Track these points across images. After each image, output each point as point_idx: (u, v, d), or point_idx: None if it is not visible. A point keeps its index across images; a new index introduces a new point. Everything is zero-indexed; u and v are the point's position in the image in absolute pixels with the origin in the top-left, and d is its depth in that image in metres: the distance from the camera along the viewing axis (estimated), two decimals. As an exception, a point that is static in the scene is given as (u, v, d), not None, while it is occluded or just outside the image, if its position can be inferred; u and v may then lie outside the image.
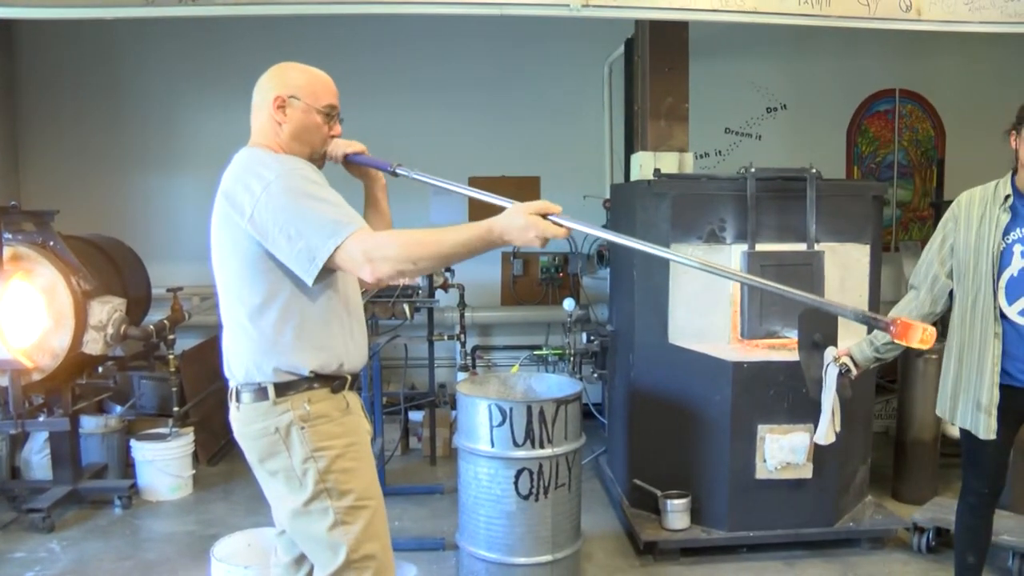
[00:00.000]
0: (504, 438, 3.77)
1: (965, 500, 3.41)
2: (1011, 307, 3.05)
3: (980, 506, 3.37)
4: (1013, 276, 3.04)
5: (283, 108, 2.44)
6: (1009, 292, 3.05)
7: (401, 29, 6.49)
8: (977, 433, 3.14)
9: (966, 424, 3.19)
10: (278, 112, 2.44)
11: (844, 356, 3.53)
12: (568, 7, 4.17)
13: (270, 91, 2.46)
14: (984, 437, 3.12)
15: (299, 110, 2.44)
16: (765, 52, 6.96)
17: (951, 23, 4.45)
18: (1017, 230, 3.05)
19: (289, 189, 2.26)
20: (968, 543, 3.43)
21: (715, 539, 4.32)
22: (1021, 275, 3.03)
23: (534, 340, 6.74)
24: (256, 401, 2.40)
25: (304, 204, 2.24)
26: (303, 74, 2.48)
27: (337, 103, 2.52)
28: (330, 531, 2.38)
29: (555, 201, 2.04)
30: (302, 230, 2.22)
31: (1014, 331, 3.06)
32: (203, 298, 6.34)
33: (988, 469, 3.30)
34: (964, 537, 3.45)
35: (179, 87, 6.70)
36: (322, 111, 2.46)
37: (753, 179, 4.30)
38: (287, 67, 2.51)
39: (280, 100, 2.44)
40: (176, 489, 5.20)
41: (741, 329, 4.34)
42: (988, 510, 3.38)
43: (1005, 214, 3.07)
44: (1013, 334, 3.06)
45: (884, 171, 7.32)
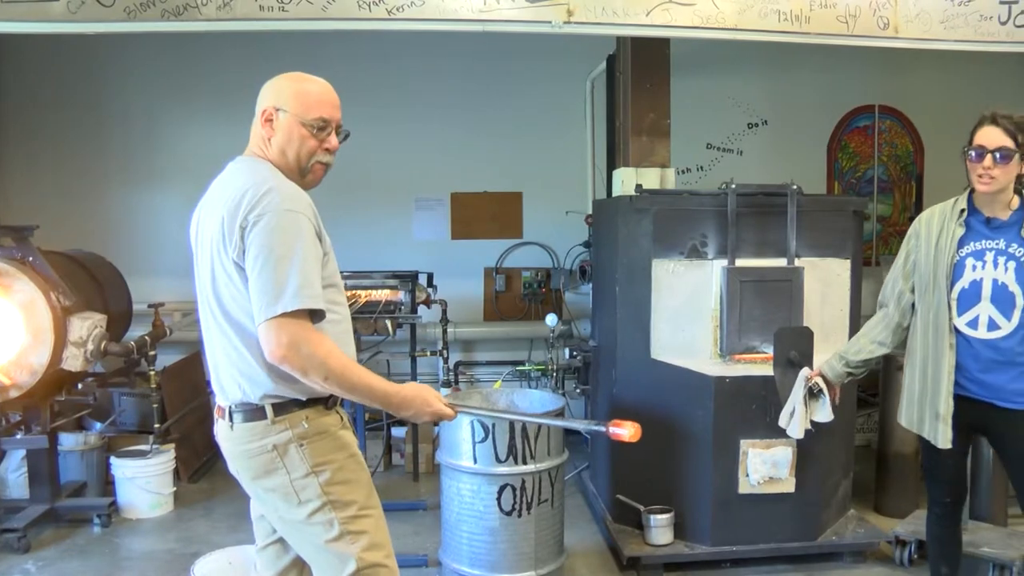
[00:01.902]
0: (487, 454, 3.77)
1: (931, 511, 3.51)
2: (960, 318, 3.15)
3: (945, 516, 3.46)
4: (964, 288, 3.13)
5: (270, 121, 2.43)
6: (960, 304, 3.14)
7: (383, 45, 6.51)
8: (935, 442, 3.21)
9: (926, 434, 3.26)
10: (265, 125, 2.43)
11: (816, 376, 3.59)
12: (550, 24, 4.19)
13: (261, 102, 2.46)
14: (942, 446, 3.20)
15: (285, 123, 2.42)
16: (746, 69, 7.02)
17: (927, 41, 4.50)
18: (971, 244, 3.15)
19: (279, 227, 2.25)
20: (939, 553, 3.54)
21: (698, 554, 4.31)
22: (972, 287, 3.12)
23: (517, 356, 6.75)
24: (252, 421, 2.39)
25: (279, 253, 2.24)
26: (296, 86, 2.45)
27: (332, 116, 2.46)
28: (336, 542, 2.39)
29: (538, 215, 2.06)
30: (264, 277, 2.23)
31: (964, 342, 3.15)
32: (184, 314, 6.31)
33: (947, 478, 3.38)
34: (934, 547, 3.57)
35: (161, 102, 6.70)
36: (310, 124, 2.42)
37: (734, 195, 4.33)
38: (284, 78, 2.48)
39: (268, 112, 2.43)
40: (157, 506, 5.15)
41: (720, 344, 4.36)
42: (953, 519, 3.49)
43: (960, 228, 3.17)
44: (964, 345, 3.15)
45: (864, 186, 7.38)
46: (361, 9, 4.06)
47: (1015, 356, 3.10)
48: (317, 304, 2.27)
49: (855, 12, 4.43)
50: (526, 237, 6.99)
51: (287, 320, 2.21)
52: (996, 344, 3.10)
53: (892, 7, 4.45)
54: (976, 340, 3.13)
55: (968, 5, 4.50)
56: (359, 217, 6.60)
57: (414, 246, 6.83)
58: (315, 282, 2.28)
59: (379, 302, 5.43)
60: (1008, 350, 3.09)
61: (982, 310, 3.12)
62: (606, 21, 4.23)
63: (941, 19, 4.49)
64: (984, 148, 3.05)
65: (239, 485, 2.53)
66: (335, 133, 2.49)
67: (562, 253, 6.85)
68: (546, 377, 5.97)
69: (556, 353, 5.53)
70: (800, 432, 3.81)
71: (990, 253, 3.12)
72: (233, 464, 2.48)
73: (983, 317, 3.12)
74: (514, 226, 6.98)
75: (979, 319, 3.12)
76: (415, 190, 6.88)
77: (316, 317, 2.29)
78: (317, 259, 2.32)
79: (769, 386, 4.00)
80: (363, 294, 5.46)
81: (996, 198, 3.11)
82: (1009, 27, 4.53)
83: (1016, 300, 3.08)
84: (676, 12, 4.28)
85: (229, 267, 2.31)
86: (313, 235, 2.33)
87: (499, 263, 6.98)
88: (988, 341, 3.11)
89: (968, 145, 3.11)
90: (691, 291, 4.40)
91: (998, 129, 3.05)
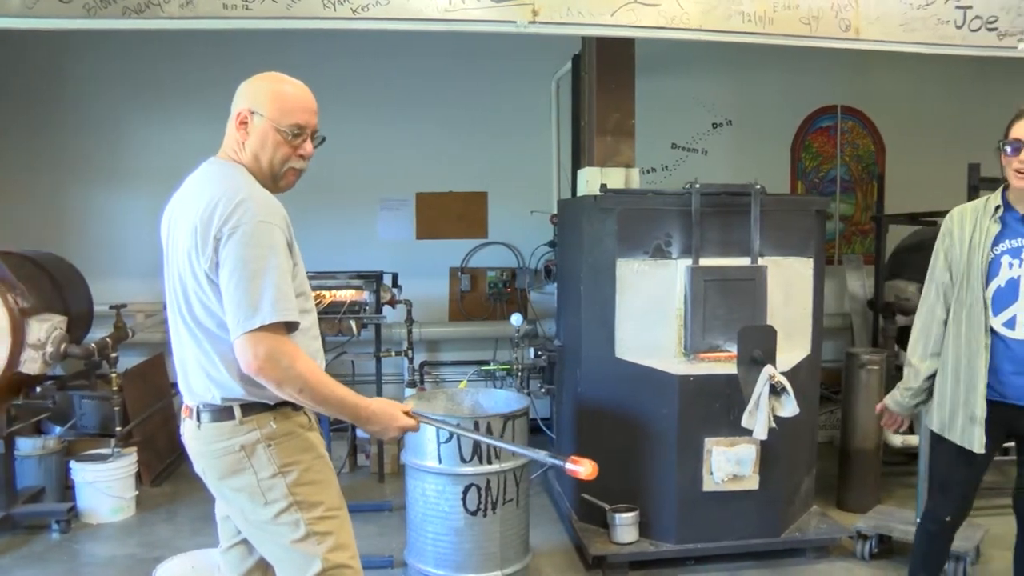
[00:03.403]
0: (451, 454, 3.77)
1: (924, 527, 3.38)
2: (996, 318, 3.04)
3: (939, 534, 3.33)
4: (1000, 287, 3.03)
5: (245, 124, 2.39)
6: (996, 303, 3.04)
7: (349, 45, 6.48)
8: (972, 447, 3.07)
9: (961, 440, 3.11)
10: (240, 128, 2.40)
11: (779, 376, 3.59)
12: (515, 24, 4.18)
13: (237, 102, 2.42)
14: (978, 450, 3.07)
15: (260, 127, 2.38)
16: (711, 69, 7.07)
17: (887, 43, 4.55)
18: (1006, 241, 3.04)
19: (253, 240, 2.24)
20: (921, 566, 3.41)
21: (663, 552, 4.33)
22: (1009, 285, 3.02)
23: (482, 355, 6.74)
24: (220, 421, 2.38)
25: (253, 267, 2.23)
26: (273, 88, 2.41)
27: (308, 122, 2.43)
28: (302, 543, 2.38)
29: (503, 215, 2.06)
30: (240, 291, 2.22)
31: (1001, 343, 3.04)
32: (148, 315, 6.23)
33: (960, 493, 3.24)
34: (918, 561, 3.43)
35: (125, 100, 6.61)
36: (286, 130, 2.39)
37: (698, 194, 4.35)
38: (262, 79, 2.44)
39: (242, 115, 2.39)
40: (118, 511, 5.07)
41: (685, 343, 4.38)
42: (947, 537, 3.35)
43: (995, 225, 3.07)
44: (1000, 346, 3.04)
45: (827, 186, 7.46)
46: (326, 8, 4.03)
47: None
48: (292, 316, 2.27)
49: (817, 14, 4.47)
50: (491, 237, 6.98)
51: (264, 334, 2.21)
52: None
53: (853, 9, 4.49)
54: (1013, 341, 3.01)
55: (926, 9, 4.56)
56: (324, 217, 6.56)
57: (379, 246, 6.80)
58: (289, 294, 2.28)
59: (344, 302, 5.41)
60: None
61: (1020, 309, 3.00)
62: (571, 21, 4.23)
63: (901, 22, 4.55)
64: (1021, 142, 2.93)
65: (204, 487, 2.51)
66: (310, 139, 2.46)
67: (527, 253, 6.86)
68: (511, 377, 5.96)
69: (521, 353, 5.54)
70: (764, 432, 3.85)
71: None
72: (199, 464, 2.47)
73: (1021, 317, 3.00)
74: (479, 226, 6.97)
75: (1016, 319, 3.00)
76: (380, 190, 6.85)
77: (290, 328, 2.29)
78: (290, 270, 2.32)
79: (733, 384, 4.04)
80: (328, 294, 5.44)
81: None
82: (964, 31, 4.60)
83: None
84: (641, 12, 4.28)
85: (200, 277, 2.30)
86: (285, 246, 2.32)
87: (464, 263, 6.97)
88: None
89: (1004, 139, 3.00)
90: (655, 290, 4.42)
91: None
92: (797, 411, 3.89)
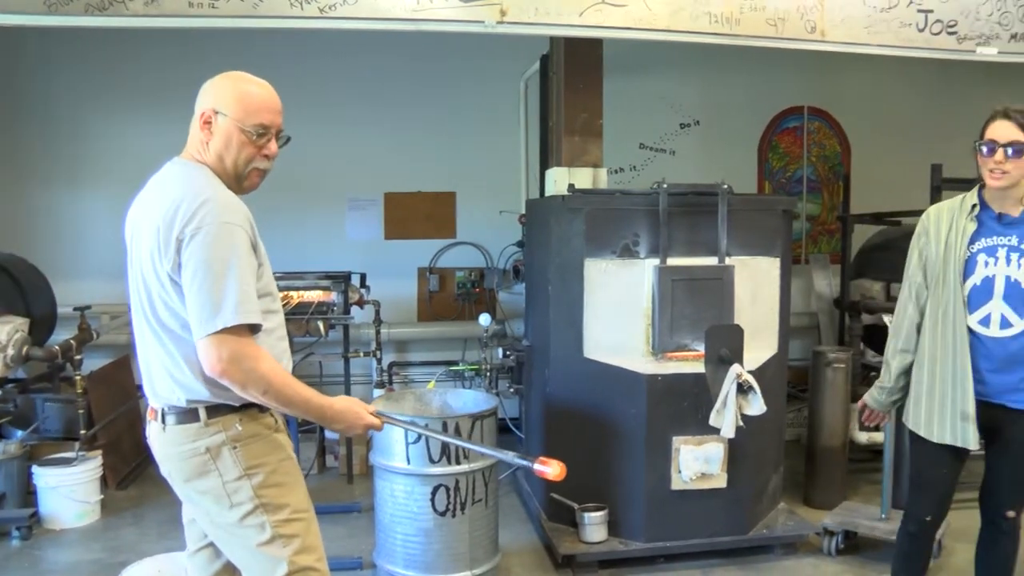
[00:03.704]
0: (420, 455, 3.76)
1: (905, 527, 3.39)
2: (972, 316, 3.07)
3: (919, 534, 3.34)
4: (976, 285, 3.07)
5: (209, 124, 2.37)
6: (971, 301, 3.07)
7: (316, 43, 6.43)
8: (967, 444, 3.10)
9: (955, 439, 3.12)
10: (204, 128, 2.38)
11: (746, 375, 3.61)
12: (483, 23, 4.18)
13: (201, 102, 2.40)
14: (973, 447, 3.10)
15: (224, 127, 2.36)
16: (679, 70, 7.11)
17: (852, 45, 4.61)
18: (982, 240, 3.08)
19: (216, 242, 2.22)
20: (901, 567, 3.43)
21: (632, 551, 4.35)
22: (984, 284, 3.05)
23: (451, 356, 6.73)
24: (185, 423, 2.36)
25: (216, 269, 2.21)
26: (237, 88, 2.39)
27: (273, 122, 2.41)
28: (268, 546, 2.37)
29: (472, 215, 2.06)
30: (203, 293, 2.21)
31: (976, 341, 3.07)
32: (113, 317, 6.16)
33: (939, 492, 3.27)
34: (899, 562, 3.44)
35: (89, 99, 6.52)
36: (250, 130, 2.37)
37: (666, 194, 4.37)
38: (226, 78, 2.42)
39: (206, 115, 2.37)
40: (82, 516, 5.00)
41: (652, 343, 4.40)
42: (928, 538, 3.37)
43: (972, 223, 3.10)
44: (976, 344, 3.08)
45: (794, 186, 7.53)
46: (292, 7, 4.01)
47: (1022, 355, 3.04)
48: (255, 318, 2.26)
49: (783, 16, 4.51)
50: (460, 237, 6.97)
51: (227, 336, 2.20)
52: (1009, 343, 3.03)
53: (819, 11, 4.54)
54: (988, 339, 3.05)
55: (889, 12, 4.62)
56: (291, 217, 6.52)
57: (347, 246, 6.76)
58: (252, 296, 2.27)
59: (311, 303, 5.38)
60: (1020, 348, 3.03)
61: (994, 308, 3.04)
62: (539, 21, 4.24)
63: (865, 24, 4.61)
64: (995, 142, 2.97)
65: (171, 490, 2.49)
66: (275, 139, 2.44)
67: (496, 253, 6.86)
68: (480, 377, 5.97)
69: (490, 353, 5.54)
70: (732, 431, 3.88)
71: (1002, 249, 3.05)
72: (165, 466, 2.45)
73: (995, 315, 3.04)
74: (448, 226, 6.96)
75: (991, 317, 3.04)
76: (348, 190, 6.82)
77: (254, 330, 2.29)
78: (253, 271, 2.30)
79: (701, 383, 4.06)
80: (295, 295, 5.40)
81: (1007, 194, 3.04)
82: (926, 34, 4.68)
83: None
84: (609, 13, 4.30)
85: (164, 279, 2.28)
86: (249, 247, 2.30)
87: (433, 263, 6.95)
88: (1001, 340, 3.04)
89: (979, 139, 3.04)
90: (623, 290, 4.44)
91: (1010, 123, 2.98)
92: (764, 409, 3.91)
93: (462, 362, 6.41)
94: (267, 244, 2.44)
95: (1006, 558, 3.28)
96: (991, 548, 3.32)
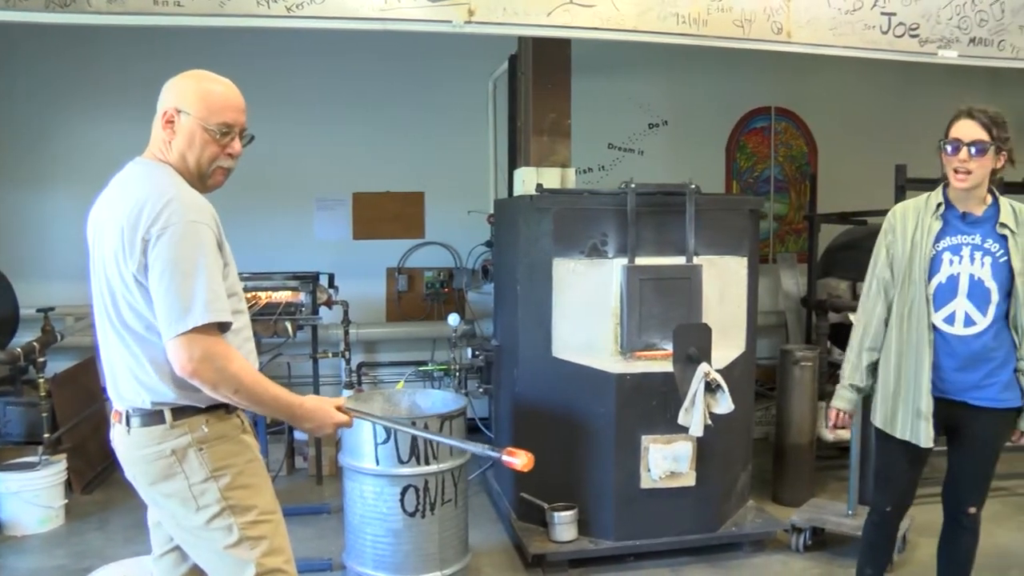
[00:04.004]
0: (389, 455, 3.74)
1: (870, 518, 3.46)
2: (937, 314, 3.11)
3: (883, 523, 3.41)
4: (941, 283, 3.11)
5: (172, 123, 2.35)
6: (936, 299, 3.11)
7: (283, 42, 6.39)
8: (919, 442, 3.14)
9: (906, 435, 3.18)
10: (166, 127, 2.35)
11: (714, 374, 3.63)
12: (451, 23, 4.17)
13: (163, 101, 2.37)
14: (925, 445, 3.14)
15: (187, 126, 2.34)
16: (647, 70, 7.13)
17: (818, 46, 4.65)
18: (947, 238, 3.12)
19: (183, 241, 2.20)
20: (869, 557, 3.49)
21: (602, 549, 4.36)
22: (949, 282, 3.10)
23: (420, 356, 6.72)
24: (150, 425, 2.33)
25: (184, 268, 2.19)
26: (200, 86, 2.37)
27: (236, 120, 2.39)
28: (235, 548, 2.35)
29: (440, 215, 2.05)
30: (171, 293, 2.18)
31: (941, 339, 3.11)
32: (78, 318, 6.08)
33: (902, 486, 3.34)
34: (865, 552, 3.51)
35: (50, 98, 6.43)
36: (214, 129, 2.34)
37: (634, 194, 4.39)
38: (187, 77, 2.39)
39: (168, 114, 2.35)
40: (46, 521, 4.92)
41: (621, 342, 4.41)
42: (892, 527, 3.43)
43: (937, 222, 3.14)
44: (940, 342, 3.12)
45: (761, 185, 7.59)
46: (259, 6, 3.97)
47: (988, 352, 3.09)
48: (225, 317, 2.25)
49: (750, 17, 4.54)
50: (428, 237, 6.96)
51: (197, 335, 2.18)
52: (972, 340, 3.08)
53: (785, 13, 4.58)
54: (952, 337, 3.10)
55: (854, 14, 4.67)
56: (259, 217, 6.47)
57: (315, 246, 6.72)
58: (221, 294, 2.25)
59: (279, 304, 5.35)
60: (982, 346, 3.08)
61: (958, 306, 3.09)
62: (507, 21, 4.24)
63: (830, 26, 4.65)
64: (960, 141, 3.02)
65: (136, 494, 2.46)
66: (239, 137, 2.42)
67: (464, 253, 6.86)
68: (449, 377, 5.97)
69: (459, 353, 5.54)
70: (700, 429, 3.90)
71: (967, 248, 3.09)
72: (130, 470, 2.42)
73: (959, 313, 3.09)
74: (416, 226, 6.94)
75: (955, 315, 3.09)
76: (316, 190, 6.78)
77: (223, 329, 2.27)
78: (220, 270, 2.29)
79: (669, 382, 4.08)
80: (263, 296, 5.37)
81: (971, 193, 3.08)
82: (890, 36, 4.73)
83: (991, 296, 3.07)
84: (577, 13, 4.31)
85: (128, 280, 2.25)
86: (215, 246, 2.28)
87: (401, 263, 6.93)
88: (964, 338, 3.08)
89: (944, 139, 3.08)
90: (592, 290, 4.45)
91: (973, 122, 3.02)
92: (732, 408, 3.94)
93: (431, 362, 6.40)
94: (234, 244, 2.42)
95: (966, 552, 3.34)
96: (952, 543, 3.37)
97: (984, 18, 4.87)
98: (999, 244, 3.09)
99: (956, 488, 3.30)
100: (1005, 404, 3.15)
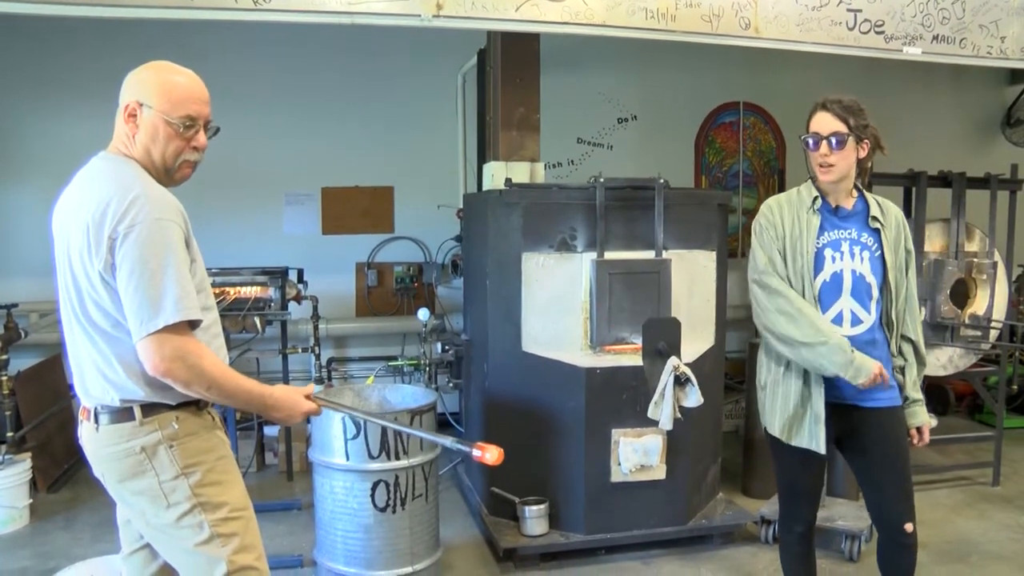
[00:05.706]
0: (359, 451, 3.73)
1: (792, 532, 3.26)
2: (824, 315, 3.00)
3: (805, 533, 3.25)
4: (826, 281, 3.02)
5: (134, 117, 2.31)
6: (823, 299, 3.02)
7: (250, 36, 6.33)
8: (818, 448, 2.99)
9: (806, 442, 3.03)
10: (129, 121, 2.32)
11: (683, 368, 3.62)
12: (419, 17, 4.16)
13: (124, 95, 2.33)
14: (822, 451, 3.00)
15: (150, 120, 2.30)
16: (616, 65, 7.14)
17: (785, 42, 4.69)
18: (826, 234, 3.04)
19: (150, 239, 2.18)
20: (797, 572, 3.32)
21: (573, 543, 4.38)
22: (833, 280, 3.01)
23: (390, 351, 6.71)
24: (119, 422, 2.31)
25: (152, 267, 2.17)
26: (161, 78, 2.33)
27: (200, 113, 2.35)
28: (206, 545, 2.33)
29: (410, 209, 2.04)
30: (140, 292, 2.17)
31: None
32: (43, 315, 5.98)
33: (807, 498, 3.21)
34: (794, 566, 3.32)
35: (12, 91, 6.31)
36: (177, 122, 2.31)
37: (602, 188, 4.40)
38: (149, 69, 2.36)
39: (131, 108, 2.31)
40: (9, 521, 4.85)
41: (591, 336, 4.43)
42: (808, 539, 3.27)
43: (815, 217, 3.05)
44: None
45: (730, 180, 7.63)
46: (226, -1, 3.94)
47: (873, 350, 2.97)
48: (196, 314, 2.23)
49: (718, 12, 4.57)
50: (398, 232, 6.93)
51: (168, 334, 2.17)
52: (860, 340, 2.96)
53: (752, 8, 4.62)
54: None
55: (820, 11, 4.72)
56: (227, 212, 6.42)
57: (284, 241, 6.68)
58: (191, 291, 2.24)
59: (248, 299, 5.30)
60: (868, 344, 2.97)
61: (844, 305, 2.99)
62: (475, 15, 4.24)
63: (797, 22, 4.70)
64: (819, 135, 3.00)
65: (104, 492, 2.43)
66: (204, 130, 2.39)
67: (434, 247, 6.84)
68: (419, 372, 5.96)
69: (429, 348, 5.52)
70: (670, 423, 3.92)
71: (845, 243, 3.02)
72: (98, 467, 2.40)
73: (846, 312, 2.99)
74: (386, 221, 6.91)
75: (843, 314, 3.00)
76: (285, 184, 6.73)
77: (194, 326, 2.26)
78: (188, 266, 2.27)
79: (639, 376, 4.10)
80: (231, 291, 5.32)
81: (839, 187, 3.04)
82: (856, 33, 4.80)
83: (872, 291, 3.00)
84: (545, 8, 4.31)
85: (95, 278, 2.23)
86: (182, 243, 2.26)
87: (371, 258, 6.90)
88: (852, 337, 2.96)
89: (805, 133, 3.06)
90: (561, 284, 4.46)
91: (829, 114, 3.00)
92: (701, 401, 3.96)
93: (401, 357, 6.39)
94: (202, 239, 2.40)
95: (908, 568, 3.14)
96: (895, 565, 3.16)
97: (946, 16, 4.94)
98: (873, 238, 3.04)
99: (886, 502, 3.09)
100: (895, 402, 3.04)
